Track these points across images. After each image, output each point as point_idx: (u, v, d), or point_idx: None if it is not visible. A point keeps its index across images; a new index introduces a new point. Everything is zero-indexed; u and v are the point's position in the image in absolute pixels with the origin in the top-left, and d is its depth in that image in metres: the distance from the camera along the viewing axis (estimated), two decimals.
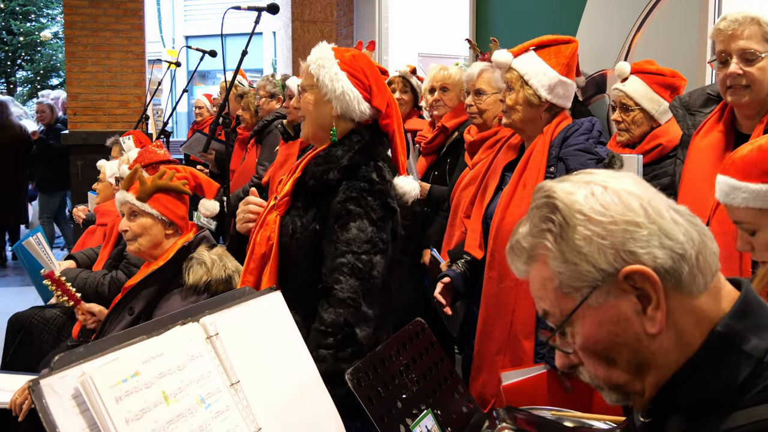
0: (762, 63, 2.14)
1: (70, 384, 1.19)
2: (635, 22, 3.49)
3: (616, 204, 0.96)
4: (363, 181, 2.03)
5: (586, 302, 0.97)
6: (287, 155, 4.05)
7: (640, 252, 0.94)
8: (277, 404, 1.51)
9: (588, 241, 0.96)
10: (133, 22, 7.80)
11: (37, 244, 3.80)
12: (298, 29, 8.40)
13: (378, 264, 2.00)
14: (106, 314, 2.82)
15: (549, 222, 0.99)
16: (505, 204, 2.45)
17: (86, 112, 7.75)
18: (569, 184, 1.01)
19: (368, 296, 1.98)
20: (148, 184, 2.60)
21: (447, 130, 3.54)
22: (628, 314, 0.96)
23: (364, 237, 1.98)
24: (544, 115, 2.48)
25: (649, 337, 0.96)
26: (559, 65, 2.45)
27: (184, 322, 1.44)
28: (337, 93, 2.07)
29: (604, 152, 2.37)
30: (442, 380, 2.02)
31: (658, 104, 2.85)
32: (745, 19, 2.16)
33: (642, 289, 0.95)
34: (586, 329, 0.99)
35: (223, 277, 2.46)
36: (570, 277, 0.98)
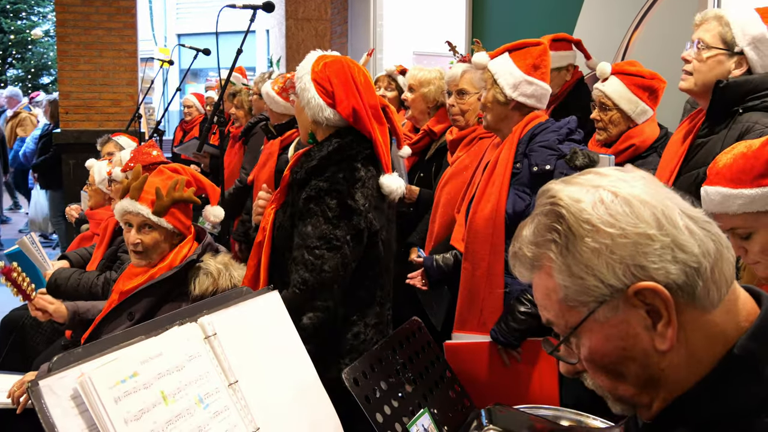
0: (708, 57, 2.27)
1: (69, 384, 1.19)
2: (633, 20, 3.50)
3: (626, 214, 0.90)
4: (324, 181, 2.17)
5: (593, 316, 0.93)
6: (269, 154, 4.07)
7: (652, 267, 0.89)
8: (275, 404, 1.51)
9: (596, 254, 0.90)
10: (125, 20, 7.76)
11: (31, 243, 3.78)
12: (292, 27, 8.38)
13: (330, 259, 2.12)
14: (64, 313, 2.81)
15: (554, 232, 0.94)
16: (477, 200, 2.56)
17: (78, 111, 7.71)
18: (576, 188, 0.95)
19: (319, 289, 2.13)
20: (165, 199, 2.51)
21: (434, 134, 3.54)
22: (637, 330, 0.91)
23: (317, 233, 2.13)
24: (514, 115, 2.58)
25: (658, 353, 0.92)
26: (525, 65, 2.55)
27: (182, 322, 1.43)
28: (305, 102, 2.26)
29: (566, 149, 2.43)
30: (438, 379, 2.02)
31: (636, 105, 2.90)
32: (712, 15, 2.31)
33: (652, 304, 0.90)
34: (593, 343, 0.95)
35: (229, 287, 2.43)
36: (576, 291, 0.93)
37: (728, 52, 2.25)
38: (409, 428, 1.77)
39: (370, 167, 2.25)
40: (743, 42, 2.23)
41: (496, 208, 2.44)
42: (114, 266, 3.29)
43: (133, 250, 2.56)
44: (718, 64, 2.26)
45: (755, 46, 2.23)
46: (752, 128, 2.13)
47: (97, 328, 2.58)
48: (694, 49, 2.30)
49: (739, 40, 2.23)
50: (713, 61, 2.26)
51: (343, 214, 2.15)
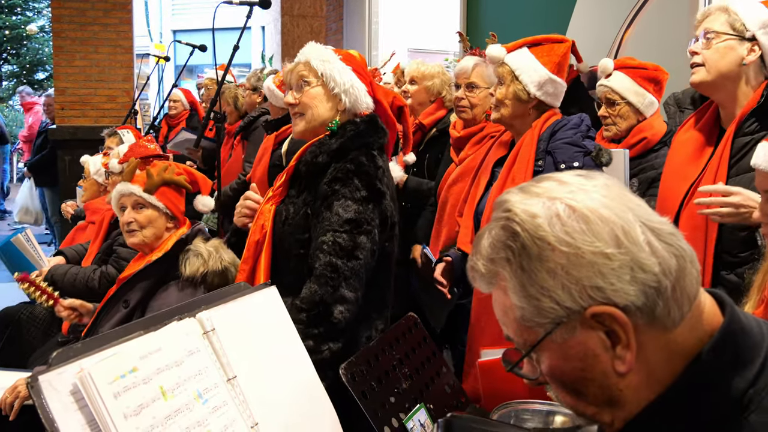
0: (718, 45, 2.18)
1: (69, 380, 1.19)
2: (625, 19, 3.52)
3: (583, 232, 0.86)
4: (350, 163, 2.03)
5: (550, 337, 0.89)
6: (264, 149, 4.07)
7: (610, 289, 0.85)
8: (273, 399, 1.51)
9: (551, 275, 0.86)
10: (121, 16, 7.74)
11: (26, 240, 3.77)
12: (287, 24, 8.37)
13: (362, 244, 1.97)
14: (90, 307, 2.82)
15: (508, 250, 0.90)
16: (494, 199, 2.47)
17: (74, 107, 7.69)
18: (533, 201, 0.90)
19: (350, 277, 1.95)
20: (155, 177, 2.62)
21: (425, 127, 3.56)
22: (596, 351, 0.88)
23: (346, 216, 1.97)
24: (532, 112, 2.52)
25: (617, 375, 0.88)
26: (550, 63, 2.49)
27: (181, 317, 1.44)
28: (346, 86, 2.11)
29: (591, 146, 2.41)
30: (434, 374, 2.03)
31: (643, 97, 2.90)
32: (716, 7, 2.23)
33: (611, 327, 0.86)
34: (552, 362, 0.92)
35: (219, 268, 2.47)
36: (532, 312, 0.89)
37: (739, 38, 2.16)
38: (405, 423, 1.78)
39: (383, 158, 2.16)
40: (754, 27, 2.15)
41: None
42: (110, 260, 3.29)
43: (127, 231, 2.64)
44: (730, 50, 2.17)
45: (766, 31, 2.16)
46: None
47: (96, 318, 2.61)
48: (701, 40, 2.21)
49: (750, 26, 2.15)
50: (724, 48, 2.17)
51: (373, 196, 2.02)
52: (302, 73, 2.15)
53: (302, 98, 2.15)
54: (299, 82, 2.16)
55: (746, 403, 0.86)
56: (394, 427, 1.74)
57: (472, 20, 5.03)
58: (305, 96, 2.14)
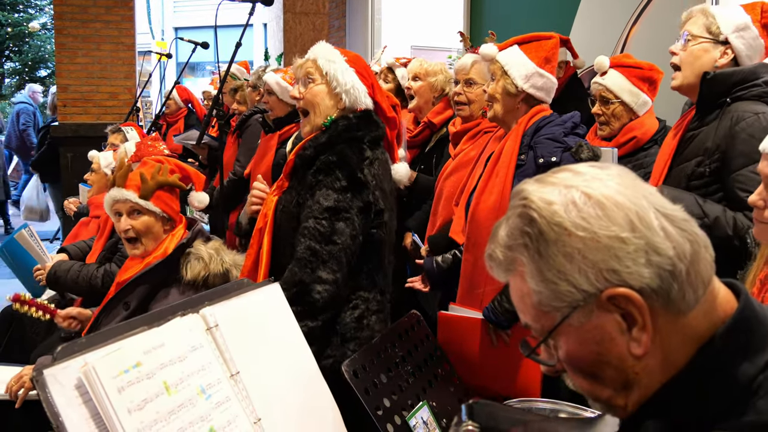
0: (694, 48, 2.31)
1: (73, 374, 1.20)
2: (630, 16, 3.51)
3: (599, 217, 0.88)
4: (333, 155, 2.16)
5: (567, 321, 0.91)
6: (267, 147, 4.04)
7: (625, 271, 0.86)
8: (275, 394, 1.52)
9: (568, 259, 0.88)
10: (123, 13, 7.73)
11: (30, 236, 3.78)
12: (289, 21, 8.36)
13: (340, 230, 2.09)
14: (88, 314, 2.80)
15: (525, 236, 0.92)
16: (479, 192, 2.56)
17: (76, 104, 7.69)
18: (549, 189, 0.93)
19: (328, 261, 2.06)
20: (150, 182, 2.55)
21: (434, 125, 3.56)
22: (612, 334, 0.90)
23: (326, 204, 2.10)
24: (521, 106, 2.58)
25: (633, 358, 0.90)
26: (537, 57, 2.56)
27: (184, 313, 1.44)
28: (347, 86, 2.23)
29: (572, 141, 2.44)
30: (437, 372, 2.04)
31: (638, 97, 2.93)
32: (697, 9, 2.37)
33: (626, 309, 0.88)
34: (569, 346, 0.93)
35: (221, 271, 2.46)
36: (549, 297, 0.91)
37: (713, 41, 2.29)
38: (408, 421, 1.79)
39: (376, 150, 2.24)
40: (728, 30, 2.28)
41: (500, 200, 2.44)
42: (114, 258, 3.29)
43: (125, 238, 2.60)
44: (704, 53, 2.30)
45: (740, 35, 2.28)
46: (743, 117, 2.16)
47: (96, 319, 2.60)
48: (681, 42, 2.34)
49: (724, 29, 2.28)
50: (699, 50, 2.30)
51: (353, 186, 2.13)
52: (309, 70, 2.29)
53: (306, 94, 2.28)
54: (305, 78, 2.29)
55: (755, 388, 0.87)
56: (397, 425, 1.74)
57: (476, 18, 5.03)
58: (309, 92, 2.28)
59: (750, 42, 2.29)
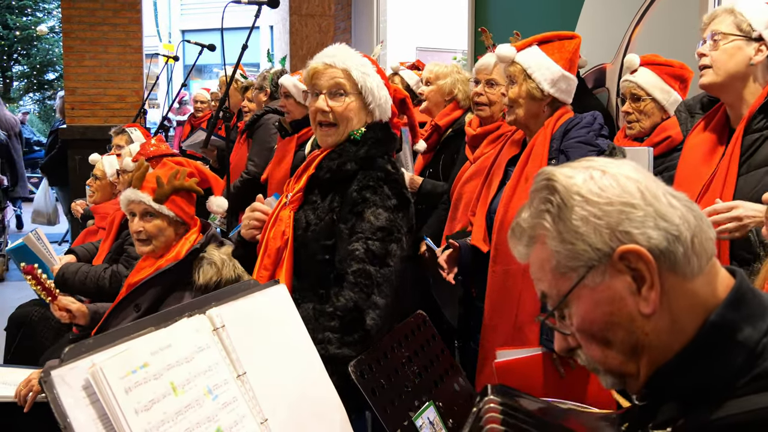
0: (726, 46, 2.20)
1: (81, 375, 1.21)
2: (635, 16, 3.51)
3: (613, 186, 0.99)
4: (379, 170, 2.06)
5: (583, 282, 0.99)
6: (285, 152, 4.02)
7: (635, 232, 0.96)
8: (282, 395, 1.52)
9: (584, 221, 0.98)
10: (130, 16, 7.77)
11: (37, 239, 3.79)
12: (295, 23, 8.37)
13: (393, 252, 1.99)
14: (85, 311, 2.82)
15: (548, 203, 1.02)
16: (508, 198, 2.46)
17: (84, 107, 7.73)
18: (569, 169, 1.04)
19: (382, 284, 1.96)
20: (166, 187, 2.55)
21: (440, 128, 3.55)
22: (623, 294, 0.98)
23: (378, 224, 1.98)
24: (546, 110, 2.50)
25: (643, 318, 0.98)
26: (562, 60, 2.47)
27: (191, 314, 1.45)
28: (381, 101, 2.13)
29: (605, 144, 2.39)
30: (443, 372, 2.04)
31: (669, 94, 2.88)
32: (722, 10, 2.27)
33: (637, 269, 0.96)
34: (582, 309, 1.01)
35: (233, 277, 2.44)
36: (567, 257, 1.00)
37: (746, 38, 2.19)
38: (414, 421, 1.79)
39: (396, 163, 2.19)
40: (760, 26, 2.18)
41: None
42: (121, 259, 3.31)
43: (136, 239, 2.61)
44: (738, 51, 2.20)
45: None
46: None
47: (106, 320, 2.61)
48: (708, 42, 2.23)
49: (756, 26, 2.18)
50: (732, 48, 2.20)
51: (402, 204, 2.05)
52: (340, 81, 2.10)
53: (338, 108, 2.10)
54: (335, 89, 2.11)
55: (760, 351, 0.94)
56: (404, 425, 1.75)
57: (481, 18, 5.02)
58: (342, 106, 2.10)
59: None
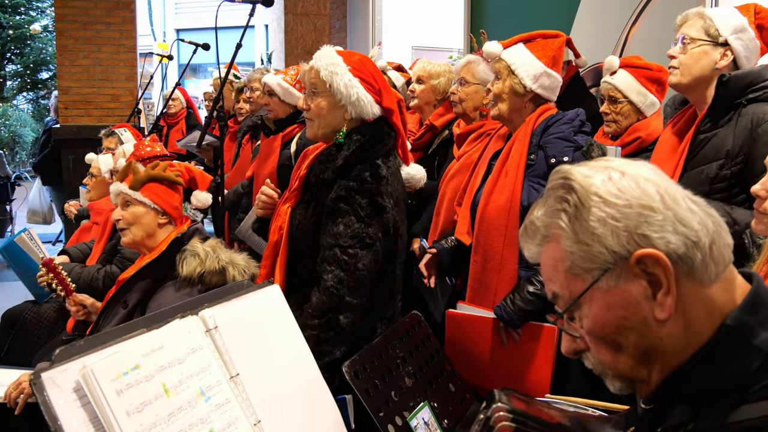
0: (693, 50, 2.32)
1: (72, 377, 1.20)
2: (631, 16, 3.51)
3: (632, 188, 0.96)
4: (353, 180, 2.14)
5: (597, 284, 0.97)
6: (270, 150, 4.01)
7: (654, 236, 0.93)
8: (275, 396, 1.51)
9: (602, 223, 0.95)
10: (124, 15, 7.74)
11: (29, 239, 3.77)
12: (290, 22, 8.36)
13: (363, 257, 2.12)
14: (100, 307, 2.81)
15: (564, 202, 0.99)
16: (489, 191, 2.52)
17: (78, 106, 7.70)
18: (587, 168, 1.01)
19: (354, 288, 2.11)
20: (140, 174, 2.61)
21: (436, 128, 3.56)
22: (637, 298, 0.95)
23: (350, 232, 2.12)
24: (528, 106, 2.56)
25: (657, 323, 0.95)
26: (545, 57, 2.53)
27: (184, 315, 1.44)
28: (353, 99, 2.18)
29: (583, 141, 2.43)
30: (438, 373, 2.03)
31: (645, 97, 2.95)
32: (693, 13, 2.38)
33: (653, 274, 0.94)
34: (594, 312, 0.99)
35: (217, 268, 2.47)
36: (582, 258, 0.97)
37: (713, 43, 2.30)
38: (409, 422, 1.78)
39: (389, 162, 2.24)
40: (727, 32, 2.29)
41: (511, 200, 2.41)
42: (114, 260, 3.29)
43: (119, 229, 2.66)
44: (704, 55, 2.31)
45: (738, 36, 2.29)
46: (764, 119, 2.15)
47: (98, 319, 2.61)
48: (679, 45, 2.35)
49: (723, 31, 2.29)
50: (699, 53, 2.31)
51: (374, 212, 2.15)
52: (313, 81, 2.24)
53: (311, 105, 2.25)
54: (311, 88, 2.25)
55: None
56: (398, 425, 1.74)
57: (477, 18, 5.02)
58: (314, 105, 2.24)
59: (747, 43, 2.31)
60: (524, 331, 2.37)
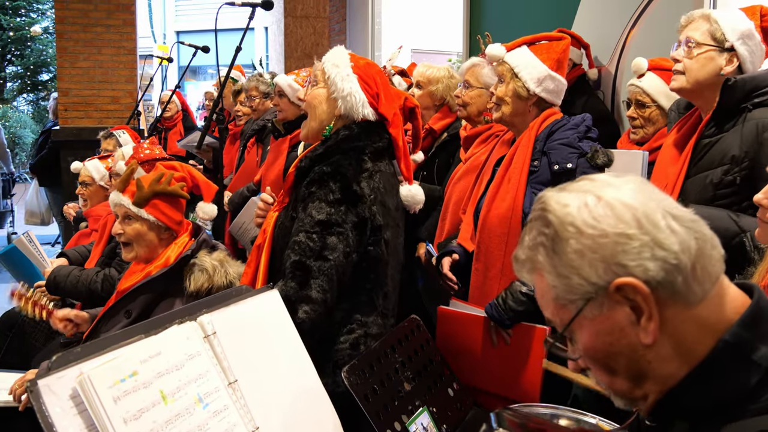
0: (699, 54, 2.26)
1: (68, 384, 1.19)
2: (630, 19, 3.50)
3: (608, 216, 0.96)
4: (328, 165, 2.07)
5: (582, 314, 0.98)
6: (278, 152, 4.00)
7: (631, 264, 0.93)
8: (274, 403, 1.51)
9: (579, 255, 0.96)
10: (124, 17, 7.74)
11: (29, 241, 3.76)
12: (290, 25, 8.35)
13: (331, 245, 1.97)
14: (86, 316, 2.77)
15: (542, 236, 1.00)
16: (491, 198, 2.49)
17: (77, 108, 7.70)
18: (565, 194, 1.01)
19: (318, 278, 1.95)
20: (146, 189, 2.52)
21: (435, 132, 3.55)
22: (622, 324, 0.96)
23: (318, 217, 1.99)
24: (532, 109, 2.52)
25: (644, 347, 0.96)
26: (549, 60, 2.50)
27: (182, 321, 1.43)
28: (344, 93, 2.14)
29: (587, 146, 2.39)
30: (437, 377, 2.03)
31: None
32: (698, 14, 2.31)
33: (634, 300, 0.94)
34: (585, 339, 1.00)
35: (225, 283, 2.42)
36: (564, 290, 0.98)
37: (719, 48, 2.24)
38: (408, 427, 1.77)
39: (379, 163, 2.15)
40: (733, 37, 2.23)
41: (513, 207, 2.38)
42: (113, 263, 3.28)
43: (119, 241, 2.61)
44: (710, 61, 2.25)
45: (744, 42, 2.24)
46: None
47: (96, 326, 2.58)
48: (683, 48, 2.29)
49: (729, 36, 2.23)
50: (704, 58, 2.25)
51: (347, 198, 2.02)
52: (316, 73, 2.24)
53: (307, 96, 2.25)
54: (312, 81, 2.26)
55: None
56: (397, 431, 1.73)
57: (476, 21, 5.02)
58: (311, 94, 2.23)
59: (753, 49, 2.26)
60: (515, 331, 2.32)
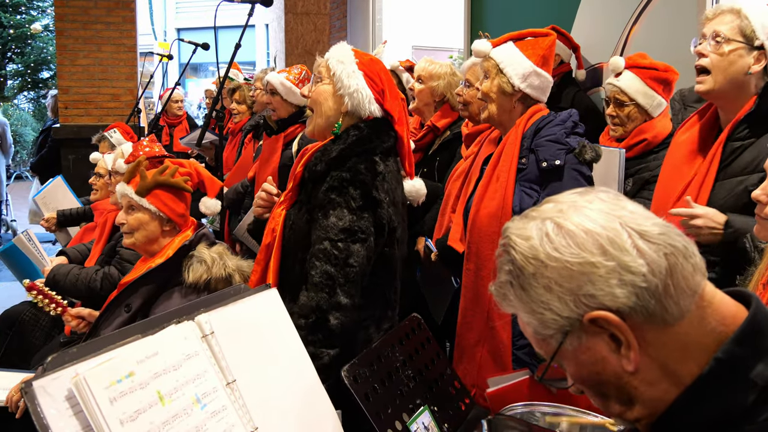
0: (727, 50, 2.12)
1: (64, 385, 1.17)
2: (632, 15, 3.49)
3: (569, 246, 0.92)
4: (347, 171, 2.07)
5: (563, 347, 0.96)
6: (272, 150, 4.00)
7: (599, 294, 0.91)
8: (273, 403, 1.49)
9: (547, 289, 0.93)
10: (124, 14, 7.74)
11: (28, 240, 3.76)
12: (291, 21, 8.34)
13: (355, 252, 2.01)
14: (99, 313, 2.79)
15: (509, 274, 0.98)
16: (480, 197, 2.47)
17: (78, 106, 7.70)
18: (528, 224, 0.98)
19: (345, 285, 2.00)
20: (148, 179, 2.55)
21: (438, 129, 3.53)
22: (603, 353, 0.94)
23: (341, 225, 2.01)
24: (517, 106, 2.51)
25: (629, 374, 0.94)
26: (534, 56, 2.48)
27: (179, 320, 1.42)
28: (351, 90, 2.14)
29: (574, 142, 2.38)
30: (438, 376, 2.01)
31: (652, 99, 2.84)
32: (727, 8, 2.16)
33: (609, 330, 0.92)
34: (571, 369, 0.99)
35: (223, 275, 2.43)
36: (539, 326, 0.96)
37: (748, 46, 2.11)
38: (409, 426, 1.76)
39: (388, 162, 2.17)
40: (764, 35, 2.10)
41: (502, 206, 2.36)
42: (113, 261, 3.27)
43: (122, 231, 2.63)
44: (739, 58, 2.12)
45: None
46: None
47: (96, 322, 2.58)
48: (710, 42, 2.15)
49: (760, 34, 2.10)
50: (734, 56, 2.12)
51: (368, 204, 2.05)
52: (320, 69, 2.23)
53: (312, 92, 2.24)
54: (317, 77, 2.25)
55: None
56: (398, 430, 1.72)
57: (477, 18, 5.00)
58: (315, 91, 2.23)
59: None
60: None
